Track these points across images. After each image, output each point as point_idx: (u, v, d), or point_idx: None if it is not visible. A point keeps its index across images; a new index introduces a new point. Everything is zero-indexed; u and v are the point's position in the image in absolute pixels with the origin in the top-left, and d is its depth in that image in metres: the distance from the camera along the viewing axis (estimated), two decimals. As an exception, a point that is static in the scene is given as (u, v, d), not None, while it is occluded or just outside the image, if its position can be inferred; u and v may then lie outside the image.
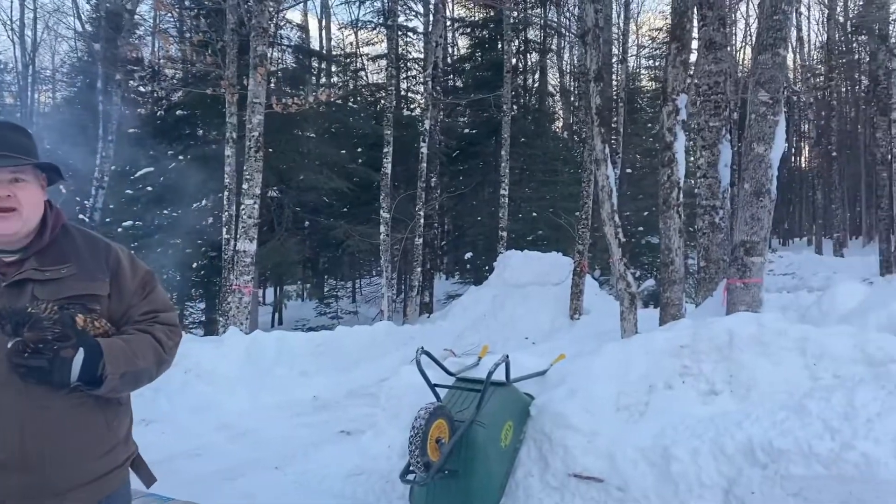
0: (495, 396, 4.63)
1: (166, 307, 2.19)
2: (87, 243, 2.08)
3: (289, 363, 8.18)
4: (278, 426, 6.77)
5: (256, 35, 8.82)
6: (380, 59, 21.07)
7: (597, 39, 6.16)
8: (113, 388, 1.94)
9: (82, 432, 1.95)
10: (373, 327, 10.12)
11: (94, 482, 1.98)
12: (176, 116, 13.85)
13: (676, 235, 5.79)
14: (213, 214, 14.27)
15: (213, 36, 10.75)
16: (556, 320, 11.24)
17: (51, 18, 26.79)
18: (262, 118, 8.90)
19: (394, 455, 5.17)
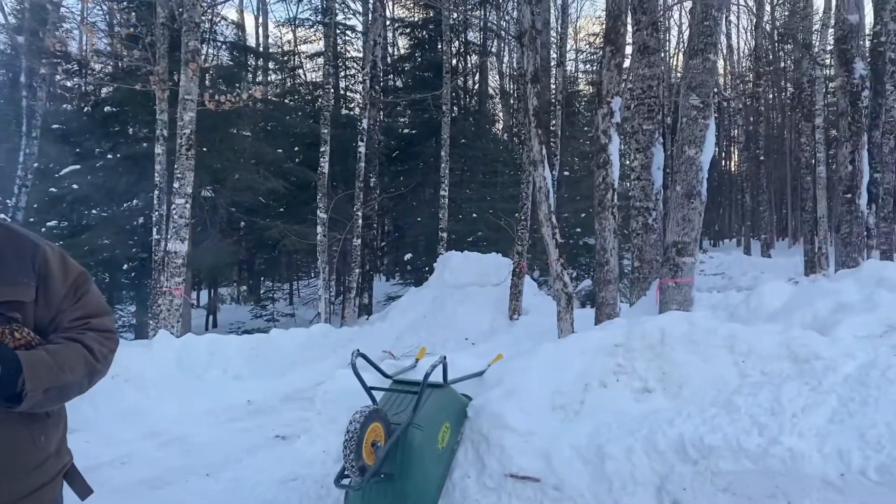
0: (432, 398, 4.60)
1: (100, 311, 2.04)
2: (11, 242, 1.92)
3: (222, 367, 7.96)
4: (210, 432, 6.57)
5: (188, 30, 8.56)
6: (317, 58, 20.82)
7: (533, 41, 6.19)
8: (35, 404, 1.79)
9: (6, 450, 1.81)
10: (309, 330, 9.95)
11: (24, 498, 1.85)
12: (104, 113, 13.34)
13: (611, 236, 5.87)
14: (144, 214, 13.82)
15: (143, 30, 10.40)
16: (496, 321, 11.28)
17: (-30, 9, 25.39)
18: (193, 115, 8.64)
19: (329, 460, 5.07)
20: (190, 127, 8.60)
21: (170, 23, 10.21)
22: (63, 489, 2.06)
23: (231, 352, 8.15)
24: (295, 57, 21.51)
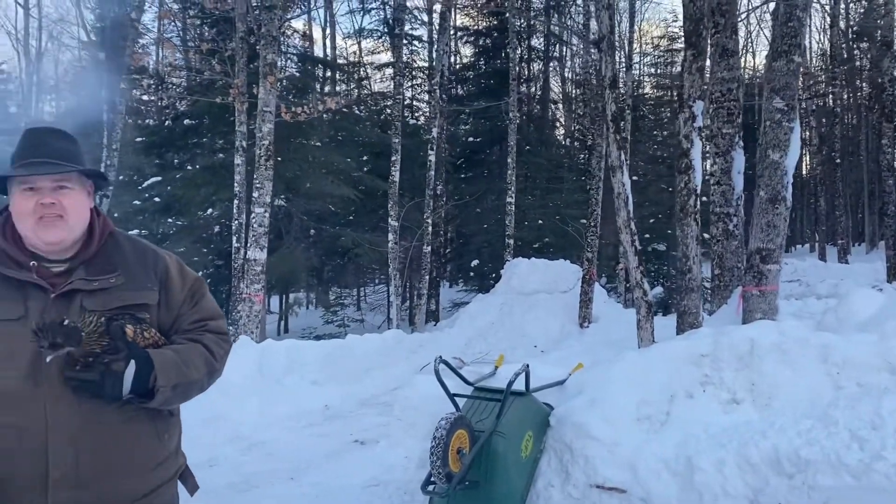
0: (515, 406, 4.60)
1: (216, 314, 2.16)
2: (136, 251, 2.04)
3: (300, 372, 8.13)
4: (291, 437, 6.72)
5: (266, 43, 8.82)
6: (385, 68, 21.13)
7: (612, 46, 6.16)
8: (165, 400, 1.90)
9: (135, 446, 1.91)
10: (382, 335, 10.08)
11: (147, 496, 1.95)
12: (184, 125, 13.85)
13: (694, 243, 5.78)
14: (221, 223, 14.26)
15: (221, 44, 10.75)
16: (565, 328, 11.20)
17: (55, 28, 26.81)
18: (272, 127, 8.89)
19: (411, 465, 5.13)
20: (269, 138, 8.86)
21: (247, 37, 10.53)
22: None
23: (308, 357, 8.32)
24: (362, 68, 21.89)
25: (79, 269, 1.91)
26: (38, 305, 1.83)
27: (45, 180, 1.87)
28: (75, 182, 1.93)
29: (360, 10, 21.76)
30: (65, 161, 1.91)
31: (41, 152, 1.90)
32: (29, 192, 1.87)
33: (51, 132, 2.01)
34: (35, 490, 1.77)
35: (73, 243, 1.93)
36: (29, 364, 1.78)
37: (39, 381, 1.78)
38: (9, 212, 1.94)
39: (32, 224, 1.86)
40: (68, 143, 1.99)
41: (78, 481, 1.80)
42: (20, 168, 1.87)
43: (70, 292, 1.86)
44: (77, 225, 1.92)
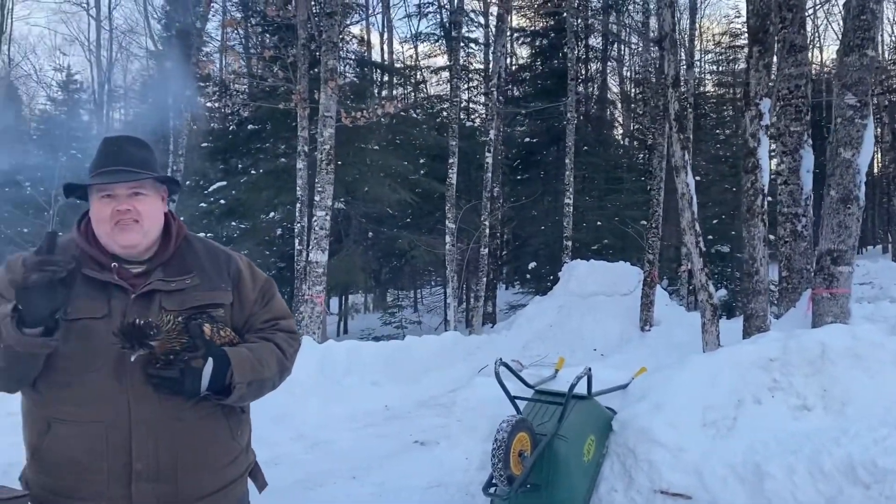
0: (577, 410, 4.56)
1: (285, 314, 2.21)
2: (209, 253, 2.11)
3: (359, 373, 8.24)
4: (352, 436, 6.81)
5: (327, 49, 8.98)
6: (441, 71, 21.22)
7: (674, 45, 6.04)
8: (240, 396, 1.96)
9: (211, 442, 1.97)
10: (440, 337, 10.13)
11: (220, 491, 2.01)
12: (247, 131, 14.20)
13: (761, 244, 5.62)
14: (282, 226, 14.56)
15: (283, 51, 10.98)
16: (626, 331, 11.04)
17: (124, 38, 27.83)
18: (332, 131, 9.04)
19: (472, 467, 5.14)
20: (330, 143, 9.01)
21: (309, 43, 10.73)
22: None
23: (368, 358, 8.42)
24: (419, 71, 22.04)
25: (156, 270, 1.99)
26: (120, 305, 1.90)
27: (122, 187, 1.94)
28: (150, 188, 2.00)
29: (416, 14, 21.87)
30: (140, 168, 1.98)
31: (118, 160, 1.98)
32: (106, 199, 1.94)
33: (127, 140, 2.09)
34: (120, 482, 1.85)
35: (148, 246, 2.00)
36: (114, 361, 1.86)
37: (123, 378, 1.86)
38: (89, 217, 2.02)
39: (109, 229, 1.93)
40: (143, 151, 2.06)
41: (158, 474, 1.87)
42: (98, 176, 1.95)
43: (149, 293, 1.94)
44: (152, 229, 1.99)
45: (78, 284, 1.90)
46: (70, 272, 1.80)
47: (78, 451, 1.84)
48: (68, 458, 1.83)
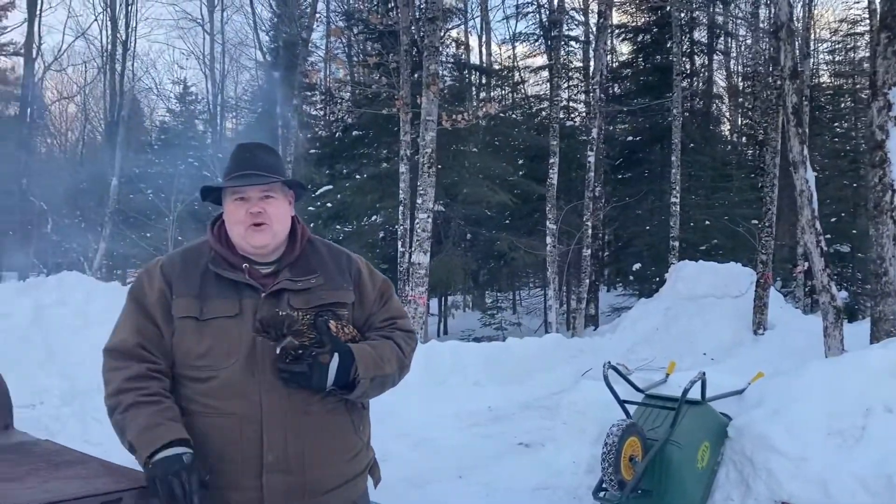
0: (690, 415, 4.43)
1: (403, 314, 2.28)
2: (331, 254, 2.19)
3: (462, 373, 8.30)
4: (456, 436, 6.86)
5: (429, 54, 9.12)
6: (541, 71, 21.07)
7: (791, 34, 5.75)
8: (363, 392, 2.02)
9: (335, 436, 2.04)
10: (542, 339, 10.06)
11: (344, 486, 2.07)
12: (352, 137, 14.62)
13: (890, 243, 5.25)
14: (384, 229, 14.87)
15: (386, 57, 11.23)
16: (738, 335, 10.59)
17: (235, 51, 29.18)
18: (434, 135, 9.17)
19: (580, 471, 5.08)
20: (431, 146, 9.14)
21: (411, 48, 10.92)
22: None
23: (470, 358, 8.47)
24: (517, 72, 21.98)
25: (284, 270, 2.08)
26: (251, 304, 2.00)
27: (254, 190, 2.05)
28: (278, 192, 2.10)
29: (514, 15, 21.83)
30: (270, 173, 2.08)
31: (250, 165, 2.08)
32: (239, 202, 2.05)
33: (258, 147, 2.21)
34: (251, 473, 1.94)
35: (277, 247, 2.10)
36: (246, 356, 1.96)
37: (255, 373, 1.95)
38: (223, 219, 2.14)
39: (242, 230, 2.04)
40: (272, 157, 2.18)
41: (288, 466, 1.95)
42: (232, 180, 2.07)
43: (278, 291, 2.03)
44: (280, 231, 2.09)
45: (211, 284, 2.02)
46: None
47: (214, 442, 1.94)
48: (206, 448, 1.93)
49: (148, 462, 1.81)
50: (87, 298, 8.04)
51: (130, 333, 1.99)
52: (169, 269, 2.06)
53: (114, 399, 1.92)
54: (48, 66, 29.75)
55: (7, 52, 31.25)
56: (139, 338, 1.98)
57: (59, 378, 6.96)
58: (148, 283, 2.05)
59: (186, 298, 2.00)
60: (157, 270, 2.07)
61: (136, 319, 2.01)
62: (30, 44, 24.80)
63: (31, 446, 2.25)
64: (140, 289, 2.06)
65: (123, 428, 1.88)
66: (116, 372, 1.95)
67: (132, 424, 1.85)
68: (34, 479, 1.86)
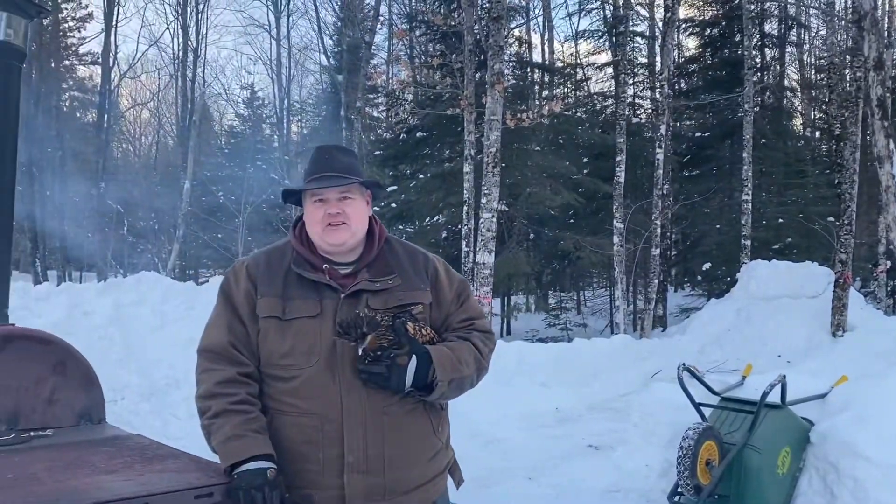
0: (770, 419, 4.29)
1: (481, 314, 2.27)
2: (408, 255, 2.21)
3: (529, 374, 8.25)
4: (524, 436, 6.83)
5: (493, 53, 9.09)
6: (605, 67, 20.77)
7: (875, 24, 5.50)
8: (441, 394, 2.03)
9: (414, 437, 2.05)
10: (610, 340, 9.91)
11: (424, 486, 2.08)
12: (416, 138, 14.73)
13: None
14: (447, 228, 14.92)
15: (450, 58, 11.27)
16: (814, 337, 10.19)
17: (300, 55, 29.76)
18: (499, 134, 9.14)
19: (652, 474, 4.98)
20: (496, 145, 9.12)
21: (475, 48, 10.92)
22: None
23: (537, 359, 8.42)
24: (581, 69, 21.73)
25: (362, 271, 2.11)
26: (331, 304, 2.04)
27: (332, 192, 2.08)
28: (356, 192, 2.13)
29: (577, 12, 21.58)
30: (348, 174, 2.11)
31: (329, 167, 2.12)
32: (318, 203, 2.09)
33: (336, 149, 2.25)
34: (333, 472, 1.96)
35: (355, 246, 2.13)
36: (327, 357, 1.99)
37: (335, 373, 1.98)
38: (303, 221, 2.18)
39: (321, 230, 2.08)
40: (350, 158, 2.21)
41: (368, 466, 1.97)
42: (311, 182, 2.11)
43: (357, 292, 2.06)
44: (358, 230, 2.12)
45: (293, 285, 2.06)
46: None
47: (296, 441, 1.98)
48: (287, 447, 1.98)
49: (232, 472, 1.85)
50: (164, 298, 8.31)
51: (222, 332, 2.05)
52: (254, 269, 2.11)
53: (204, 403, 1.98)
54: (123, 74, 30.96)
55: (86, 62, 32.69)
56: (230, 336, 2.04)
57: (137, 375, 7.22)
58: (235, 283, 2.11)
59: (270, 298, 2.05)
60: (242, 270, 2.12)
61: (227, 318, 2.07)
62: (106, 53, 25.87)
63: (124, 440, 2.34)
64: (229, 288, 2.12)
65: (210, 433, 1.94)
66: (208, 374, 2.01)
67: (218, 432, 1.91)
68: (130, 471, 1.93)
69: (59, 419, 2.52)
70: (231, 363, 2.01)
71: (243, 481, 1.81)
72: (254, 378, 2.03)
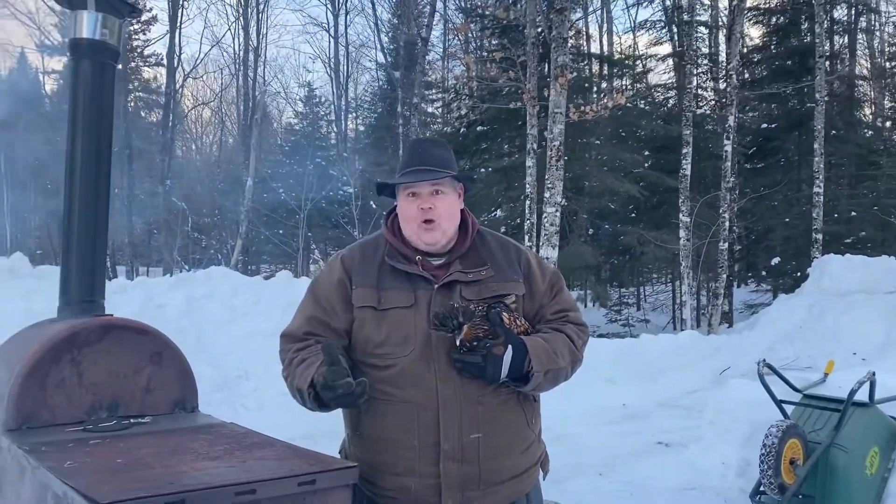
0: (857, 417, 4.15)
1: (574, 306, 2.24)
2: (500, 246, 2.20)
3: (595, 369, 8.14)
4: (592, 433, 6.77)
5: (557, 46, 8.99)
6: (668, 58, 20.33)
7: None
8: (537, 385, 2.01)
9: (508, 428, 2.05)
10: (677, 336, 9.73)
11: (517, 477, 2.08)
12: (476, 133, 14.69)
13: None
14: (507, 223, 14.84)
15: (511, 51, 11.19)
16: (892, 334, 9.80)
17: (357, 53, 30.07)
18: (562, 127, 9.03)
19: (729, 472, 4.87)
20: (559, 139, 9.02)
21: (538, 41, 10.80)
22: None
23: (602, 355, 8.32)
24: (641, 61, 21.33)
25: (455, 262, 2.11)
26: (425, 295, 2.04)
27: (425, 185, 2.09)
28: (448, 186, 2.13)
29: (636, 3, 21.18)
30: (440, 168, 2.11)
31: (422, 160, 2.12)
32: (411, 197, 2.10)
33: (429, 142, 2.26)
34: (430, 460, 1.97)
35: (446, 242, 2.13)
36: (422, 346, 2.00)
37: (430, 362, 1.99)
38: (395, 213, 2.19)
39: (415, 227, 2.09)
40: (444, 152, 2.20)
41: (464, 456, 1.97)
42: (404, 175, 2.11)
43: (450, 283, 2.06)
44: (449, 227, 2.12)
45: (387, 276, 2.08)
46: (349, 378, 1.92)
47: (393, 429, 2.00)
48: (385, 434, 2.00)
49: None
50: (233, 292, 8.52)
51: (302, 322, 2.12)
52: (349, 261, 2.14)
53: (287, 370, 2.06)
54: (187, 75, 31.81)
55: (151, 63, 33.71)
56: (308, 327, 2.10)
57: (209, 366, 7.40)
58: (328, 276, 2.15)
59: (365, 289, 2.07)
60: (337, 263, 2.16)
61: (309, 311, 2.12)
62: (171, 54, 26.63)
63: (219, 427, 2.39)
64: (318, 283, 2.17)
65: (294, 383, 2.00)
66: (287, 352, 2.09)
67: (298, 368, 1.99)
68: (232, 458, 1.96)
69: (156, 407, 2.59)
70: (307, 342, 2.09)
71: (329, 377, 1.82)
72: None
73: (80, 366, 2.46)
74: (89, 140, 2.80)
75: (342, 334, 2.08)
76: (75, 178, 2.78)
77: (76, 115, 2.80)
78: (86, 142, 2.80)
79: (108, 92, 2.87)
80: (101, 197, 2.83)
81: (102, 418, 2.46)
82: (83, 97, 2.80)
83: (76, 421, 2.41)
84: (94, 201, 2.80)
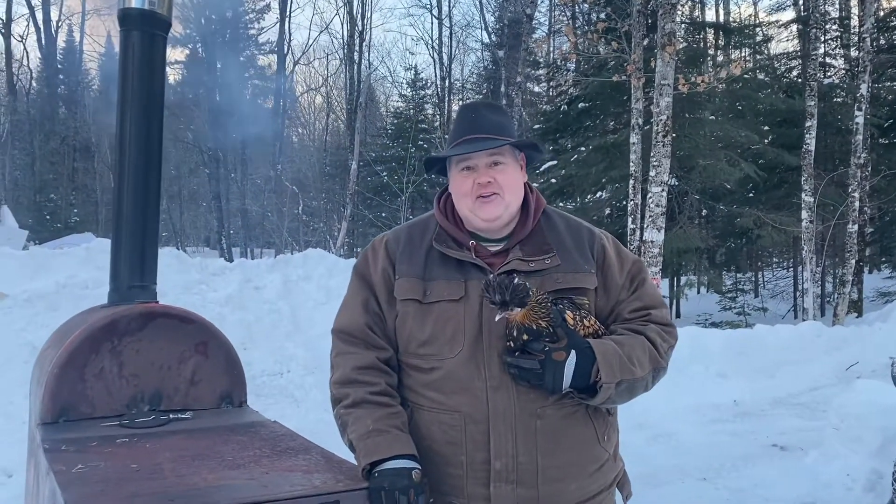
0: None
1: (658, 303, 1.88)
2: (570, 230, 1.87)
3: (703, 362, 7.57)
4: (697, 432, 6.26)
5: (664, 12, 8.34)
6: (791, 25, 18.80)
7: None
8: (607, 397, 1.69)
9: (574, 445, 1.74)
10: (797, 327, 8.91)
11: (586, 502, 1.77)
12: (577, 109, 14.12)
13: None
14: (611, 205, 14.22)
15: (617, 22, 10.56)
16: None
17: (462, 33, 29.83)
18: (670, 100, 8.40)
19: (856, 486, 4.31)
20: (666, 113, 8.40)
21: (644, 9, 10.13)
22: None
23: (712, 346, 7.72)
24: (762, 28, 19.84)
25: (514, 248, 1.81)
26: (477, 286, 1.75)
27: (481, 156, 1.79)
28: (508, 156, 1.82)
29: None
30: (497, 135, 1.80)
31: (475, 127, 1.82)
32: (466, 172, 1.81)
33: (484, 106, 1.93)
34: (479, 481, 1.72)
35: (508, 220, 1.83)
36: (471, 347, 1.72)
37: (481, 366, 1.71)
38: (449, 192, 1.89)
39: (471, 202, 1.79)
40: (499, 115, 1.89)
41: (519, 476, 1.70)
42: (456, 147, 1.82)
43: (508, 273, 1.74)
44: (513, 201, 1.82)
45: (436, 264, 1.79)
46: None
47: (438, 441, 1.74)
48: (429, 447, 1.75)
49: (371, 470, 1.63)
50: (329, 274, 8.51)
51: (358, 313, 1.84)
52: (394, 245, 1.87)
53: (340, 389, 1.79)
54: (297, 61, 32.64)
55: (264, 51, 34.90)
56: (367, 317, 1.83)
57: (303, 348, 7.41)
58: (373, 261, 1.88)
59: (409, 279, 1.80)
60: (381, 247, 1.89)
61: (364, 297, 1.85)
62: (281, 41, 27.41)
63: (259, 427, 2.21)
64: (365, 265, 1.90)
65: (346, 424, 1.73)
66: (345, 357, 1.81)
67: (357, 424, 1.70)
68: (256, 467, 1.77)
69: (201, 400, 2.44)
70: (368, 347, 1.80)
71: (386, 481, 1.59)
72: (392, 366, 1.81)
73: (120, 356, 2.34)
74: (139, 117, 2.68)
75: (391, 333, 1.82)
76: (126, 158, 2.65)
77: (126, 90, 2.67)
78: (135, 118, 2.67)
79: (158, 65, 2.73)
80: (151, 176, 2.70)
81: (143, 412, 2.33)
82: (133, 71, 2.66)
83: (116, 414, 2.29)
84: (143, 181, 2.67)
